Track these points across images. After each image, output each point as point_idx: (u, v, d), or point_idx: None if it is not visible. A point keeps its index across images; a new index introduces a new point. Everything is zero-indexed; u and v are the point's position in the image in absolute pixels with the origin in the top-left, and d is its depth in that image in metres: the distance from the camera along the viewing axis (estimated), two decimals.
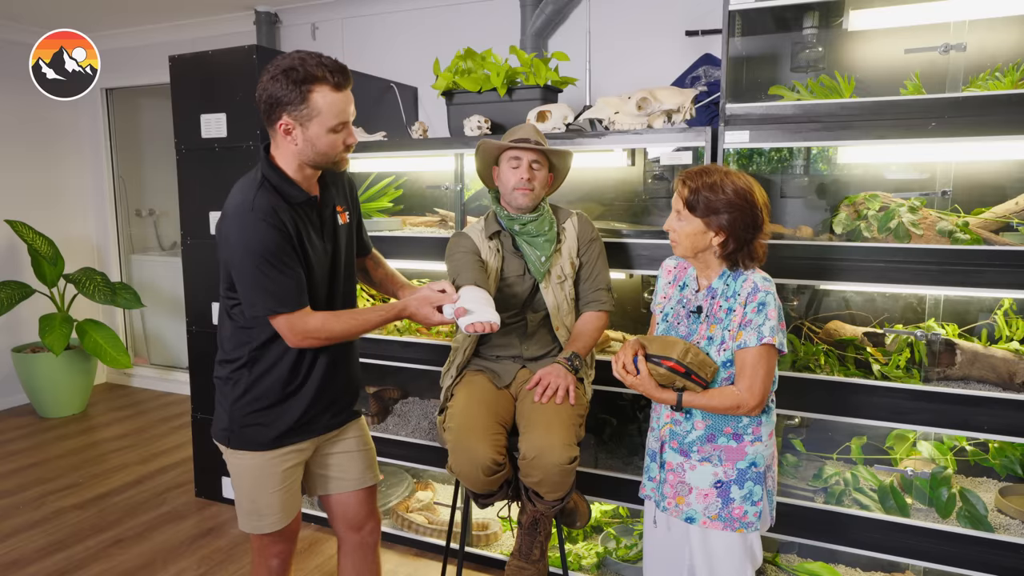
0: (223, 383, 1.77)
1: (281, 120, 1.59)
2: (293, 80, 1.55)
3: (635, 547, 2.60)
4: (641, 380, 1.68)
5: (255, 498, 1.77)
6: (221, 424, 1.77)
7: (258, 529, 1.79)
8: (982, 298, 2.32)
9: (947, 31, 2.22)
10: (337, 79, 1.58)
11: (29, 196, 4.72)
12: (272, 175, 1.64)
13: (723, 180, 1.64)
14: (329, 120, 1.59)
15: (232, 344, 1.74)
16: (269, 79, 1.57)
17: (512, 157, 2.11)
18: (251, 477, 1.76)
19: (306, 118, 1.58)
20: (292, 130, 1.60)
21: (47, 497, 3.35)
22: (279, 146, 1.65)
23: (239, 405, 1.73)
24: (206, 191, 3.11)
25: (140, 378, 5.26)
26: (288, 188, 1.64)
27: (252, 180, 1.65)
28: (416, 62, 3.68)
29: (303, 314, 1.63)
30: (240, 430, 1.73)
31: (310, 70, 1.55)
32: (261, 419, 1.73)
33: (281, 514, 1.78)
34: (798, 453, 2.52)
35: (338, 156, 1.66)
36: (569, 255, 2.19)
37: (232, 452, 1.77)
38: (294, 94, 1.55)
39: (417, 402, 3.20)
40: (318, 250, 1.71)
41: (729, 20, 2.21)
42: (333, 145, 1.63)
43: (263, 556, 1.86)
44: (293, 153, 1.63)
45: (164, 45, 4.56)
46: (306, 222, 1.68)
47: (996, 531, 2.11)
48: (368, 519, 1.95)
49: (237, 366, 1.73)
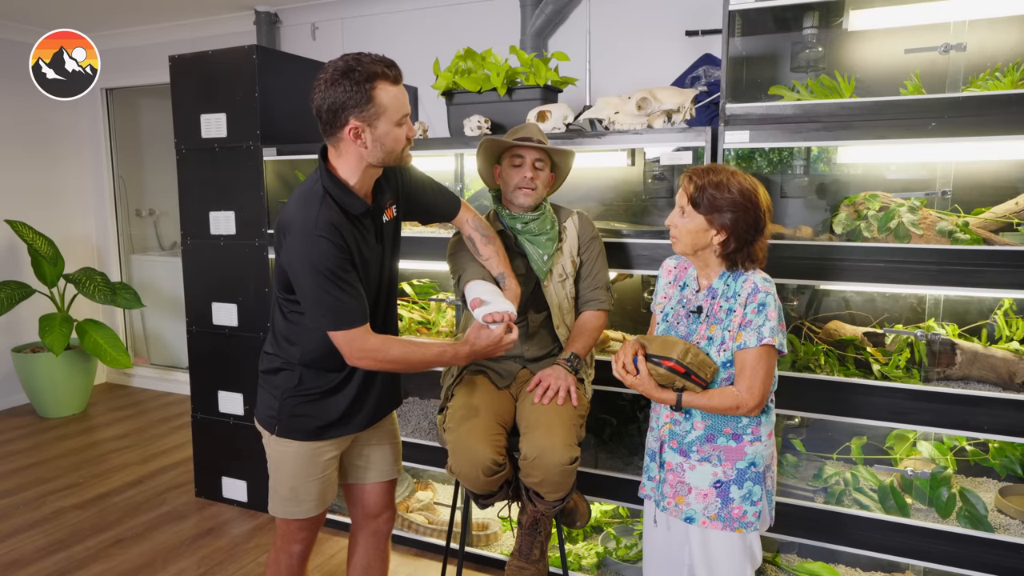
0: (274, 373, 1.80)
1: (349, 124, 1.57)
2: (355, 81, 1.54)
3: (635, 547, 2.60)
4: (641, 380, 1.68)
5: (295, 485, 1.80)
6: (269, 411, 1.80)
7: (294, 515, 1.83)
8: (982, 298, 2.32)
9: (947, 31, 2.22)
10: (394, 72, 1.60)
11: (29, 196, 4.72)
12: (333, 188, 1.63)
13: (729, 179, 1.65)
14: (394, 115, 1.60)
15: (287, 340, 1.77)
16: (328, 85, 1.55)
17: (515, 156, 2.10)
18: (294, 464, 1.79)
19: (373, 116, 1.57)
20: (362, 133, 1.59)
21: (47, 497, 3.35)
22: (342, 153, 1.64)
23: (292, 395, 1.76)
24: (206, 191, 3.11)
25: (140, 378, 5.26)
26: (349, 200, 1.64)
27: (314, 193, 1.63)
28: (416, 62, 3.67)
29: (363, 332, 1.65)
30: (289, 419, 1.77)
31: (369, 67, 1.55)
32: (311, 411, 1.77)
33: (319, 501, 1.84)
34: (798, 453, 2.52)
35: (403, 151, 1.67)
36: (570, 254, 2.19)
37: (277, 439, 1.80)
38: (359, 95, 1.54)
39: (417, 402, 3.20)
40: (374, 253, 1.73)
41: (729, 20, 2.21)
42: (399, 140, 1.63)
43: (287, 541, 1.89)
44: (360, 156, 1.62)
45: (164, 45, 4.56)
46: (363, 231, 1.69)
47: (996, 531, 2.11)
48: (386, 509, 2.01)
49: (292, 360, 1.76)
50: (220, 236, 3.10)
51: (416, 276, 3.19)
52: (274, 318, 1.81)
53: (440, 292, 3.13)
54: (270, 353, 1.82)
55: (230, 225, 3.07)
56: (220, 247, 3.11)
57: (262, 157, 2.95)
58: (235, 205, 3.05)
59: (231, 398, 3.17)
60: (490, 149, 2.15)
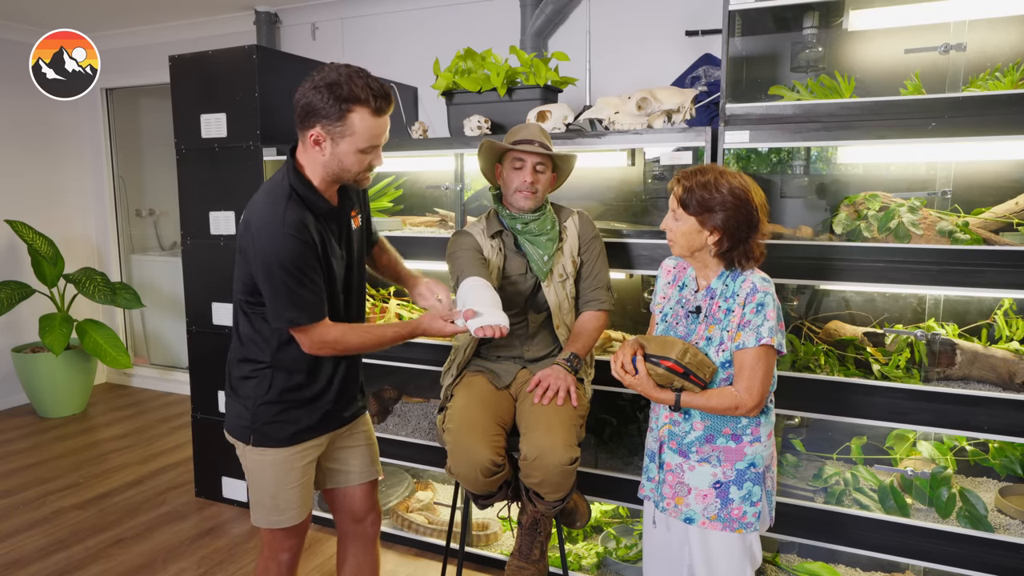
0: (245, 381, 1.78)
1: (313, 130, 1.58)
2: (335, 96, 1.54)
3: (635, 547, 2.60)
4: (639, 380, 1.68)
5: (275, 493, 1.79)
6: (241, 421, 1.78)
7: (277, 524, 1.81)
8: (982, 298, 2.32)
9: (947, 31, 2.22)
10: (379, 104, 1.58)
11: (29, 196, 4.72)
12: (299, 185, 1.64)
13: (718, 179, 1.64)
14: (361, 142, 1.59)
15: (254, 344, 1.76)
16: (311, 88, 1.56)
17: (516, 158, 2.09)
18: (272, 473, 1.78)
19: (339, 135, 1.58)
20: (322, 142, 1.59)
21: (47, 497, 3.35)
22: (307, 152, 1.65)
23: (265, 402, 1.75)
24: (206, 191, 3.11)
25: (140, 378, 5.26)
26: (314, 199, 1.65)
27: (280, 190, 1.64)
28: (416, 62, 3.69)
29: (322, 325, 1.67)
30: (263, 427, 1.76)
31: (355, 90, 1.54)
32: (285, 416, 1.76)
33: (300, 508, 1.82)
34: (798, 453, 2.52)
35: (360, 175, 1.67)
36: (570, 254, 2.19)
37: (253, 449, 1.78)
38: (333, 109, 1.55)
39: (417, 402, 3.20)
40: (337, 257, 1.73)
41: (729, 20, 2.21)
42: (357, 164, 1.63)
43: (274, 551, 1.88)
44: (319, 163, 1.63)
45: (164, 45, 4.56)
46: (328, 232, 1.70)
47: (996, 531, 2.11)
48: (370, 511, 2.00)
49: (261, 366, 1.75)
50: (220, 236, 3.10)
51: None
52: (238, 325, 1.79)
53: None
54: (238, 360, 1.79)
55: (230, 225, 3.07)
56: (220, 247, 3.11)
57: (262, 157, 2.95)
58: (235, 205, 3.05)
59: None
60: (490, 151, 2.14)
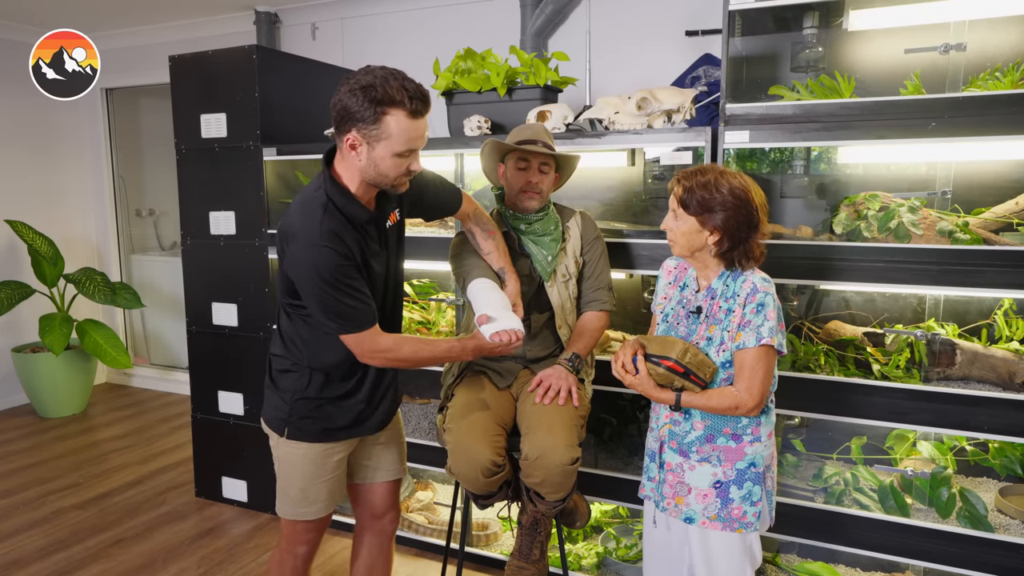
0: (285, 374, 1.79)
1: (349, 135, 1.57)
2: (370, 98, 1.52)
3: (635, 547, 2.60)
4: (640, 380, 1.68)
5: (304, 486, 1.80)
6: (279, 413, 1.79)
7: (303, 516, 1.83)
8: (982, 298, 2.32)
9: (947, 31, 2.22)
10: (415, 106, 1.56)
11: (29, 196, 4.72)
12: (337, 196, 1.62)
13: (717, 179, 1.64)
14: (398, 145, 1.57)
15: (293, 344, 1.77)
16: (347, 91, 1.55)
17: (520, 159, 2.08)
18: (304, 466, 1.80)
19: (375, 138, 1.56)
20: (358, 146, 1.58)
21: (47, 497, 3.35)
22: (344, 158, 1.64)
23: (303, 398, 1.76)
24: (206, 191, 3.11)
25: (140, 378, 5.26)
26: (352, 208, 1.64)
27: (317, 201, 1.63)
28: (416, 62, 3.65)
29: (373, 333, 1.66)
30: (299, 421, 1.77)
31: (390, 92, 1.53)
32: (320, 413, 1.77)
33: (328, 502, 1.84)
34: (798, 453, 2.52)
35: (398, 180, 1.64)
36: (573, 254, 2.19)
37: (286, 441, 1.80)
38: (368, 112, 1.53)
39: (417, 402, 3.20)
40: (379, 260, 1.73)
41: (729, 20, 2.21)
42: (395, 168, 1.61)
43: (293, 543, 1.90)
44: (356, 168, 1.62)
45: (164, 45, 4.56)
46: (367, 238, 1.69)
47: (996, 531, 2.11)
48: (390, 509, 2.02)
49: (300, 362, 1.76)
50: (220, 236, 3.10)
51: (416, 276, 3.19)
52: (280, 321, 1.80)
53: (440, 292, 3.13)
54: (278, 355, 1.81)
55: (230, 225, 3.07)
56: (220, 247, 3.11)
57: (262, 157, 2.95)
58: (235, 205, 3.05)
59: (231, 398, 3.17)
60: (494, 152, 2.14)
